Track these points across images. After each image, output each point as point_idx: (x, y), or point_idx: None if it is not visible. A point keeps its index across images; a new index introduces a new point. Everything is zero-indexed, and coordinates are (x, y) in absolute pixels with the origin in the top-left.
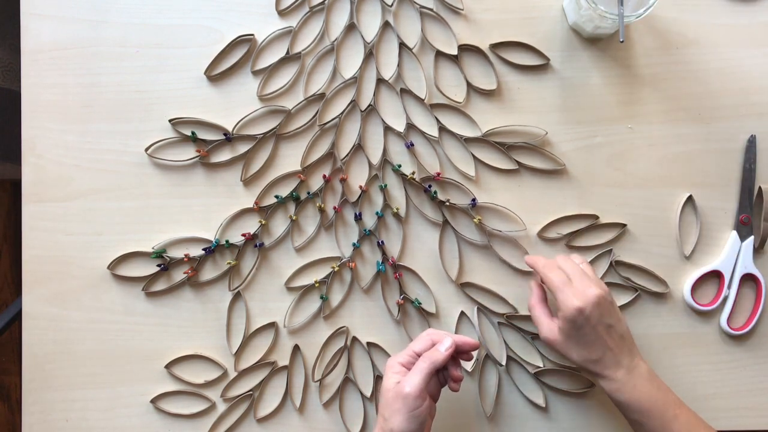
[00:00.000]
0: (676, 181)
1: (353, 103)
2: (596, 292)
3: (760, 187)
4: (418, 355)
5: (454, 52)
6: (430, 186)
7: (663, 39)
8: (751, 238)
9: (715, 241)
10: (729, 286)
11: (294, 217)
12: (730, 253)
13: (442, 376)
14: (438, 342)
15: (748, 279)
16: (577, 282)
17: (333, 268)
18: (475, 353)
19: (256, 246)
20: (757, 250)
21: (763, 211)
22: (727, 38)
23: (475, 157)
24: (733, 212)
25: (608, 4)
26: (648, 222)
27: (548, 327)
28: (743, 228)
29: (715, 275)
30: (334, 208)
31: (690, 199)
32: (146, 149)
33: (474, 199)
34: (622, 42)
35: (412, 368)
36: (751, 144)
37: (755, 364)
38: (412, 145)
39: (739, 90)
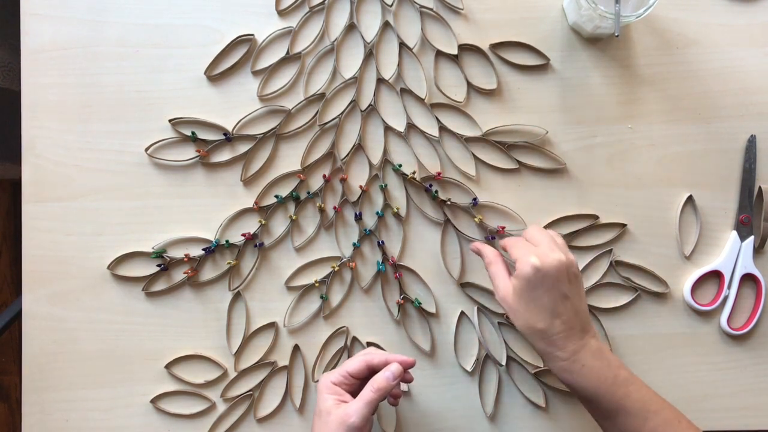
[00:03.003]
0: (676, 181)
1: (353, 103)
2: (558, 256)
3: (760, 187)
4: (352, 376)
5: (455, 51)
6: (430, 185)
7: (663, 39)
8: (751, 238)
9: (715, 241)
10: (729, 286)
11: (294, 217)
12: (730, 253)
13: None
14: (375, 364)
15: (748, 279)
16: (542, 246)
17: (333, 267)
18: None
19: (256, 246)
20: (757, 250)
21: (763, 211)
22: (727, 38)
23: (475, 157)
24: (733, 212)
25: (608, 4)
26: (648, 222)
27: (504, 285)
28: (743, 228)
29: (715, 275)
30: (334, 207)
31: (690, 199)
32: (146, 149)
33: (475, 199)
34: (617, 36)
35: (360, 395)
36: (751, 144)
37: (755, 364)
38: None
39: (739, 90)
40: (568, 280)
